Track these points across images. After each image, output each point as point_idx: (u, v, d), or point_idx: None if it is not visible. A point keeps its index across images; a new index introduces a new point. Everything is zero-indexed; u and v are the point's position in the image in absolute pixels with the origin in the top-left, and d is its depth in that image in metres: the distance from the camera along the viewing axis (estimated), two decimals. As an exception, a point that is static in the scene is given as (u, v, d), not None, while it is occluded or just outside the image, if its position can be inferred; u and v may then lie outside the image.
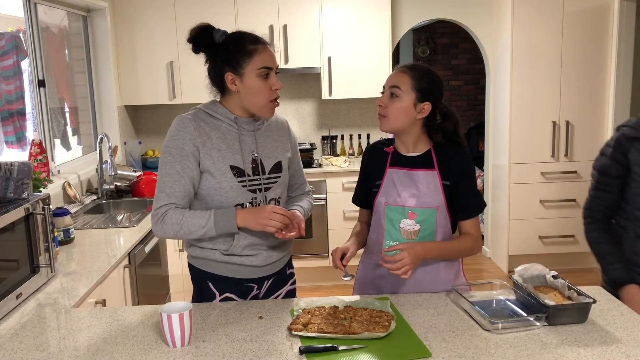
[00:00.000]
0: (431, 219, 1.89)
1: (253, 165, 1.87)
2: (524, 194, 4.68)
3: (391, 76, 1.89)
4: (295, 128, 5.13)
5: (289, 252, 2.08)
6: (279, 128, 2.00)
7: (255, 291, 1.97)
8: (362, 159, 2.08)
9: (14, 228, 1.98)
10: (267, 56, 1.81)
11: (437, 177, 1.90)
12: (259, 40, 1.83)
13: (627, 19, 4.51)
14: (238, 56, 1.80)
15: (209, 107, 1.88)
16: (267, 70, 1.81)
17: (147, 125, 5.07)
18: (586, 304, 1.66)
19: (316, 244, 4.56)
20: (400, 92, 1.85)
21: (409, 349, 1.53)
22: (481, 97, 7.96)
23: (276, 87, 1.83)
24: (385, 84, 1.90)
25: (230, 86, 1.83)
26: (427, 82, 1.86)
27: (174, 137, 1.81)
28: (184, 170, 1.80)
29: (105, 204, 3.70)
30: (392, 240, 1.92)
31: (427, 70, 1.88)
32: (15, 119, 3.56)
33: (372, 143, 2.08)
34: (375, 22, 4.59)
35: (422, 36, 8.05)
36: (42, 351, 1.58)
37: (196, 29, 1.81)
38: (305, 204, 2.05)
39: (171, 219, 1.79)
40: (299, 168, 2.10)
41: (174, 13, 4.50)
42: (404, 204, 1.90)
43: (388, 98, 1.87)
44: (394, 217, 1.91)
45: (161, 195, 1.81)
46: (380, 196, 1.93)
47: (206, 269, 1.94)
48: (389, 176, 1.93)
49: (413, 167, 1.92)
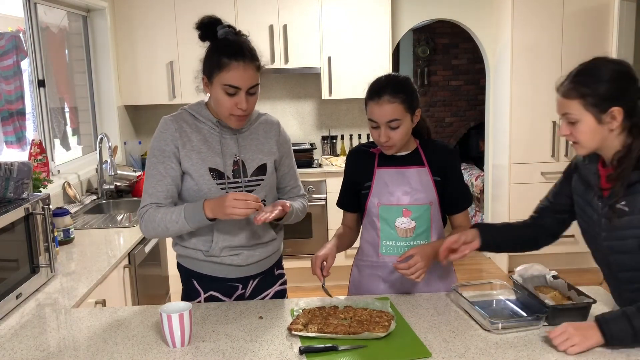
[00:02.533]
0: (426, 215, 1.91)
1: (234, 168, 1.86)
2: (524, 194, 4.67)
3: (382, 110, 1.82)
4: (295, 128, 5.13)
5: (278, 253, 2.06)
6: (267, 129, 1.96)
7: (240, 290, 1.97)
8: (346, 163, 2.06)
9: (14, 228, 1.98)
10: (237, 75, 1.74)
11: (428, 173, 1.92)
12: (237, 55, 1.74)
13: (627, 19, 4.51)
14: (210, 64, 1.78)
15: (194, 108, 1.90)
16: (234, 89, 1.75)
17: (147, 125, 5.07)
18: (586, 304, 1.66)
19: (316, 244, 4.55)
20: (400, 121, 1.83)
21: (409, 349, 1.53)
22: (481, 97, 7.96)
23: (241, 106, 1.77)
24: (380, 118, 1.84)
25: (204, 88, 1.85)
26: (412, 92, 1.86)
27: (156, 139, 1.85)
28: (166, 170, 1.83)
29: (105, 204, 3.70)
30: (389, 240, 1.93)
31: (406, 82, 1.87)
32: (15, 119, 3.56)
33: (355, 146, 2.08)
34: (375, 22, 4.59)
35: (422, 36, 8.05)
36: (42, 351, 1.58)
37: (205, 19, 1.84)
38: (297, 203, 2.00)
39: (149, 217, 1.82)
40: (291, 171, 2.05)
41: (174, 13, 4.50)
42: (397, 202, 1.91)
43: (388, 131, 1.85)
44: (389, 217, 1.92)
45: (145, 196, 1.85)
46: (373, 197, 1.94)
47: (190, 267, 1.95)
48: (379, 176, 1.94)
49: (403, 165, 1.93)
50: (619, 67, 1.50)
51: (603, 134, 1.50)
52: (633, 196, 1.48)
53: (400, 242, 1.92)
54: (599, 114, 1.48)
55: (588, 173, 1.64)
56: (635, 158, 1.48)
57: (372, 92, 1.86)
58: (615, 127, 1.48)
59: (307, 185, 4.35)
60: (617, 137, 1.50)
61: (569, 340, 1.47)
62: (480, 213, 5.63)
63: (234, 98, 1.77)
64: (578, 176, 1.69)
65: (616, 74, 1.49)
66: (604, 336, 1.46)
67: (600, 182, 1.58)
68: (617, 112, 1.46)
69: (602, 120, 1.48)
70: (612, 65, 1.51)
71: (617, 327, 1.45)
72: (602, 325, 1.47)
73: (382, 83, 1.85)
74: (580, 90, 1.49)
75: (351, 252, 2.11)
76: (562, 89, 1.54)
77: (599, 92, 1.47)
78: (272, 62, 4.57)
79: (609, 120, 1.48)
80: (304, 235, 4.52)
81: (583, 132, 1.51)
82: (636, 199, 1.47)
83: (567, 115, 1.52)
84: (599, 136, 1.50)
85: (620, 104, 1.46)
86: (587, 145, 1.53)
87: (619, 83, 1.48)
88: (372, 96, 1.85)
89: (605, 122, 1.48)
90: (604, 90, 1.47)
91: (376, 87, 1.86)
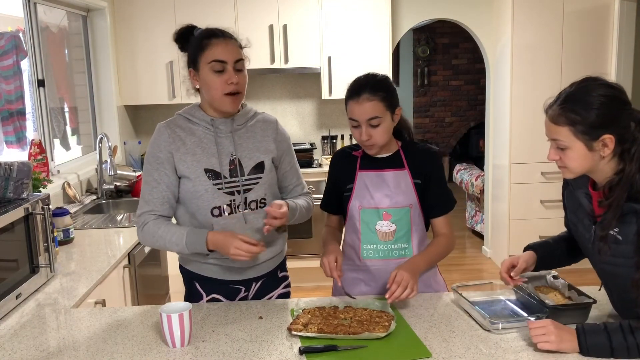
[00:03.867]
0: (405, 217, 1.91)
1: (231, 167, 1.86)
2: (524, 194, 4.67)
3: (362, 108, 1.82)
4: (295, 128, 5.13)
5: (282, 255, 2.05)
6: (265, 128, 1.96)
7: (243, 293, 1.97)
8: (330, 165, 2.07)
9: (14, 228, 1.98)
10: (220, 49, 1.78)
11: (408, 175, 1.92)
12: (214, 34, 1.81)
13: (627, 19, 4.51)
14: (193, 51, 1.82)
15: (188, 111, 1.91)
16: (220, 64, 1.78)
17: (146, 125, 5.06)
18: (586, 304, 1.66)
19: (316, 244, 4.55)
20: (380, 118, 1.82)
21: (409, 349, 1.53)
22: (481, 97, 7.96)
23: (231, 80, 1.78)
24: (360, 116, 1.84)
25: (193, 82, 1.86)
26: (391, 91, 1.86)
27: (151, 145, 1.87)
28: (161, 177, 1.84)
29: (105, 204, 3.70)
30: (369, 244, 1.93)
31: (385, 81, 1.87)
32: (15, 119, 3.56)
33: (340, 148, 2.09)
34: (375, 22, 4.59)
35: (422, 36, 8.06)
36: (41, 351, 1.58)
37: (180, 29, 1.88)
38: (300, 201, 2.00)
39: (149, 230, 1.83)
40: (293, 169, 2.04)
41: (173, 13, 4.50)
42: (377, 205, 1.91)
43: (369, 129, 1.84)
44: (369, 220, 1.92)
45: (141, 202, 1.87)
46: (354, 200, 1.94)
47: (192, 270, 1.95)
48: (361, 179, 1.94)
49: (383, 168, 1.93)
50: (611, 92, 1.43)
51: (594, 160, 1.45)
52: (626, 225, 1.43)
53: (381, 245, 1.92)
54: (589, 142, 1.42)
55: (579, 193, 1.60)
56: (627, 187, 1.42)
57: (352, 91, 1.86)
58: (607, 154, 1.43)
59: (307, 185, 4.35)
60: (607, 163, 1.45)
61: (545, 336, 1.47)
62: (480, 213, 5.64)
63: (223, 75, 1.79)
64: (569, 193, 1.66)
65: (607, 99, 1.41)
66: (580, 346, 1.45)
67: (593, 205, 1.54)
68: (608, 140, 1.41)
69: (593, 148, 1.43)
70: (603, 90, 1.43)
71: (594, 340, 1.44)
72: (580, 335, 1.46)
73: (361, 82, 1.86)
74: (570, 117, 1.43)
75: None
76: (550, 113, 1.48)
77: (589, 119, 1.41)
78: (272, 62, 4.57)
79: (600, 147, 1.42)
80: (304, 235, 4.52)
81: (573, 158, 1.46)
82: (630, 228, 1.42)
83: (556, 141, 1.47)
84: (590, 163, 1.45)
85: (611, 131, 1.41)
86: (576, 171, 1.48)
87: (610, 109, 1.41)
88: (352, 95, 1.85)
89: (596, 149, 1.43)
90: (595, 118, 1.40)
91: (355, 86, 1.86)
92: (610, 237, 1.46)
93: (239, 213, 1.86)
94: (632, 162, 1.41)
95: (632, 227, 1.41)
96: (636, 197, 1.41)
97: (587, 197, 1.56)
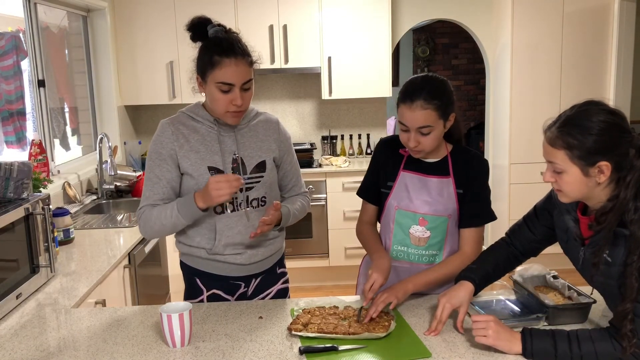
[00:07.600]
0: (442, 226, 1.86)
1: (234, 166, 1.88)
2: (524, 194, 4.67)
3: (414, 115, 1.71)
4: (295, 128, 5.13)
5: (281, 252, 2.07)
6: (267, 127, 1.97)
7: (243, 289, 1.98)
8: (374, 153, 1.97)
9: (14, 228, 1.98)
10: (230, 72, 1.75)
11: (452, 184, 1.84)
12: (229, 52, 1.75)
13: (627, 19, 4.51)
14: (202, 62, 1.80)
15: (192, 109, 1.91)
16: (227, 86, 1.77)
17: (147, 125, 5.07)
18: (586, 304, 1.66)
19: (316, 244, 4.55)
20: (432, 127, 1.73)
21: (409, 349, 1.53)
22: (481, 97, 7.96)
23: (236, 102, 1.78)
24: (411, 123, 1.72)
25: (199, 88, 1.86)
26: (448, 98, 1.75)
27: (154, 142, 1.88)
28: (162, 173, 1.85)
29: (105, 204, 3.70)
30: (401, 245, 1.89)
31: (443, 86, 1.76)
32: (15, 119, 3.56)
33: (388, 138, 1.96)
34: (375, 22, 4.59)
35: (422, 36, 8.05)
36: (42, 351, 1.58)
37: (195, 20, 1.86)
38: (297, 204, 2.01)
39: (146, 217, 1.85)
40: (293, 168, 2.06)
41: (174, 13, 4.50)
42: (416, 210, 1.85)
43: (418, 136, 1.75)
44: (404, 222, 1.87)
45: (142, 198, 1.89)
46: (392, 199, 1.88)
47: (193, 266, 1.97)
48: (402, 179, 1.87)
49: (428, 173, 1.86)
50: (611, 119, 1.39)
51: (589, 186, 1.42)
52: (616, 248, 1.41)
53: (412, 249, 1.88)
54: (585, 167, 1.40)
55: (566, 218, 1.58)
56: (620, 214, 1.39)
57: (406, 94, 1.73)
58: (603, 181, 1.40)
59: (307, 185, 4.35)
60: (603, 190, 1.42)
61: (484, 331, 1.49)
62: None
63: (229, 95, 1.78)
64: (559, 212, 1.63)
65: (606, 125, 1.38)
66: (524, 349, 1.45)
67: (580, 229, 1.52)
68: (605, 167, 1.38)
69: (589, 174, 1.40)
70: (603, 116, 1.39)
71: (539, 344, 1.44)
72: (525, 337, 1.46)
73: (417, 86, 1.73)
74: (567, 141, 1.40)
75: (351, 253, 2.11)
76: (548, 135, 1.46)
77: (586, 145, 1.38)
78: (272, 62, 4.57)
79: (596, 173, 1.40)
80: (304, 235, 4.52)
81: (568, 183, 1.43)
82: (620, 251, 1.40)
83: (552, 163, 1.45)
84: (585, 188, 1.42)
85: (608, 158, 1.38)
86: (571, 196, 1.46)
87: (609, 136, 1.38)
88: (405, 99, 1.72)
89: (591, 175, 1.40)
90: (592, 144, 1.38)
91: (410, 89, 1.73)
92: (602, 259, 1.44)
93: (241, 210, 1.88)
94: (627, 190, 1.38)
95: (621, 250, 1.39)
96: (625, 223, 1.38)
97: (575, 221, 1.55)
